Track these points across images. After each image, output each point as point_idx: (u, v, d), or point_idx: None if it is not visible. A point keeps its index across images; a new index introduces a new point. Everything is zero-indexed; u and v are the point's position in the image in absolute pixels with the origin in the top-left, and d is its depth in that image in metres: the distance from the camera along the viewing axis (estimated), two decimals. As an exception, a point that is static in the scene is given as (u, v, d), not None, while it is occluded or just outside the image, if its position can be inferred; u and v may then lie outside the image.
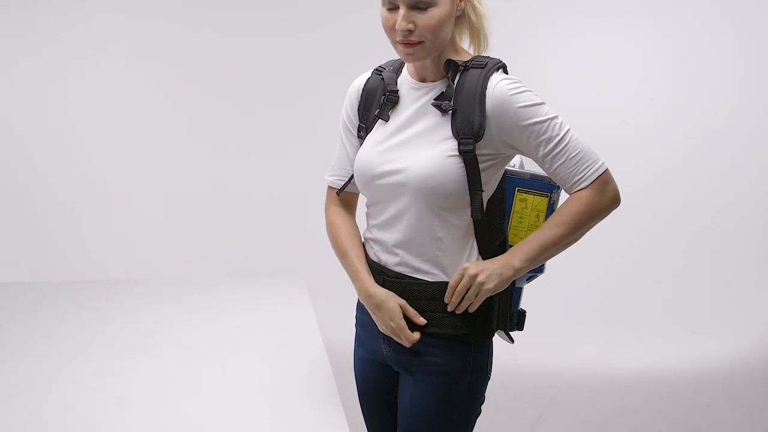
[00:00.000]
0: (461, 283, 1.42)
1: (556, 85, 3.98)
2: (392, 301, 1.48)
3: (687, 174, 4.04)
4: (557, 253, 1.45)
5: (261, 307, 2.35)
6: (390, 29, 1.41)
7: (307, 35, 4.14)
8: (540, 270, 1.52)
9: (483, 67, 1.41)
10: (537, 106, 1.38)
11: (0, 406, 1.60)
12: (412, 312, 1.47)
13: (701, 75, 3.99)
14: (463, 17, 1.47)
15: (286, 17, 4.13)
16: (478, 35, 1.49)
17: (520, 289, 1.58)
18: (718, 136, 4.01)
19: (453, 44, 1.47)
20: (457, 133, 1.40)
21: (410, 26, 1.38)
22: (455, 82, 1.43)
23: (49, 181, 4.13)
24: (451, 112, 1.41)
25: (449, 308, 1.45)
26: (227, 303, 2.38)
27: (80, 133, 4.14)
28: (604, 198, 1.41)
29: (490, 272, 1.40)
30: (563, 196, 1.51)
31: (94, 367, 1.82)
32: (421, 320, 1.47)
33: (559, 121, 1.39)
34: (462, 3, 1.42)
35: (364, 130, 1.57)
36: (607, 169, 1.42)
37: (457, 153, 1.39)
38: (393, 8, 1.39)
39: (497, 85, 1.39)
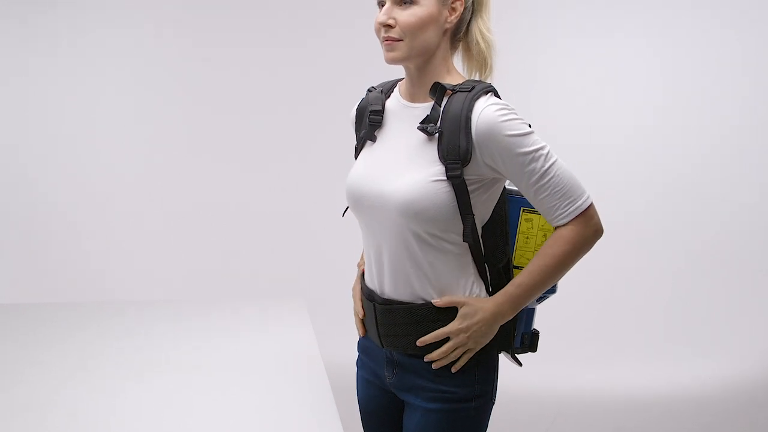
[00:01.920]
0: (445, 347, 1.43)
1: (554, 103, 3.98)
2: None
3: (687, 192, 4.03)
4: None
5: (260, 327, 2.34)
6: (377, 29, 1.43)
7: (307, 48, 4.12)
8: (552, 290, 1.50)
9: (470, 91, 1.39)
10: (525, 136, 1.35)
11: (0, 427, 1.58)
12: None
13: (702, 92, 3.99)
14: (470, 43, 1.46)
15: (287, 27, 4.11)
16: (485, 63, 1.47)
17: (533, 310, 1.57)
18: (718, 155, 4.01)
19: (446, 65, 1.46)
20: (443, 158, 1.37)
21: (390, 21, 1.39)
22: (442, 105, 1.40)
23: (49, 199, 4.10)
24: (437, 135, 1.39)
25: (433, 364, 1.45)
26: (226, 323, 2.37)
27: (80, 152, 4.11)
28: (587, 232, 1.40)
29: (479, 334, 1.42)
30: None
31: (93, 389, 1.80)
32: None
33: (545, 152, 1.36)
34: (452, 17, 1.42)
35: (357, 150, 1.57)
36: (590, 205, 1.40)
37: (445, 178, 1.37)
38: (382, 4, 1.42)
39: (484, 110, 1.35)
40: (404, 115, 1.48)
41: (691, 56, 3.99)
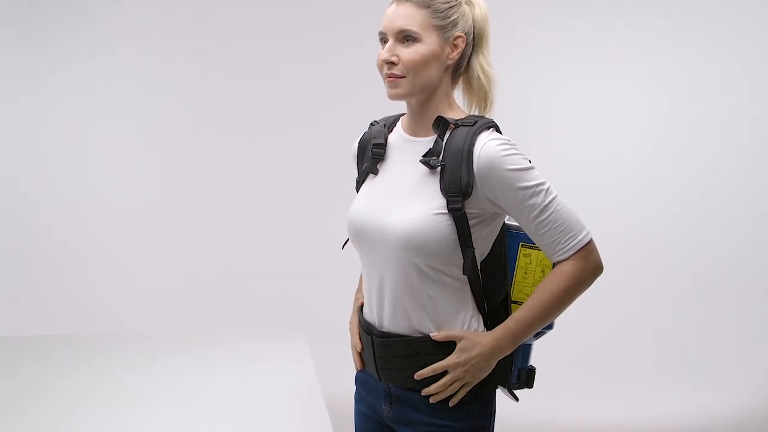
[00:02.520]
0: (443, 380, 1.42)
1: (553, 138, 4.01)
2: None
3: (684, 227, 4.04)
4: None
5: (261, 360, 2.33)
6: (380, 66, 1.44)
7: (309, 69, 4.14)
8: (550, 326, 1.50)
9: (472, 125, 1.40)
10: (526, 171, 1.37)
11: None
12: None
13: (702, 138, 4.02)
14: (471, 77, 1.48)
15: (292, 51, 4.14)
16: (486, 97, 1.49)
17: (530, 346, 1.56)
18: (717, 191, 4.03)
19: (447, 100, 1.48)
20: (445, 191, 1.38)
21: (393, 58, 1.40)
22: (444, 139, 1.42)
23: (49, 231, 4.11)
24: (439, 168, 1.40)
25: (431, 398, 1.44)
26: (227, 356, 2.37)
27: (80, 183, 4.14)
28: (587, 268, 1.41)
29: (477, 369, 1.41)
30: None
31: (93, 421, 1.79)
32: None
33: (546, 187, 1.38)
34: (454, 53, 1.43)
35: (359, 184, 1.58)
36: (590, 240, 1.41)
37: (446, 211, 1.38)
38: (385, 40, 1.43)
39: (486, 144, 1.37)
40: (406, 148, 1.49)
41: (690, 95, 4.02)
